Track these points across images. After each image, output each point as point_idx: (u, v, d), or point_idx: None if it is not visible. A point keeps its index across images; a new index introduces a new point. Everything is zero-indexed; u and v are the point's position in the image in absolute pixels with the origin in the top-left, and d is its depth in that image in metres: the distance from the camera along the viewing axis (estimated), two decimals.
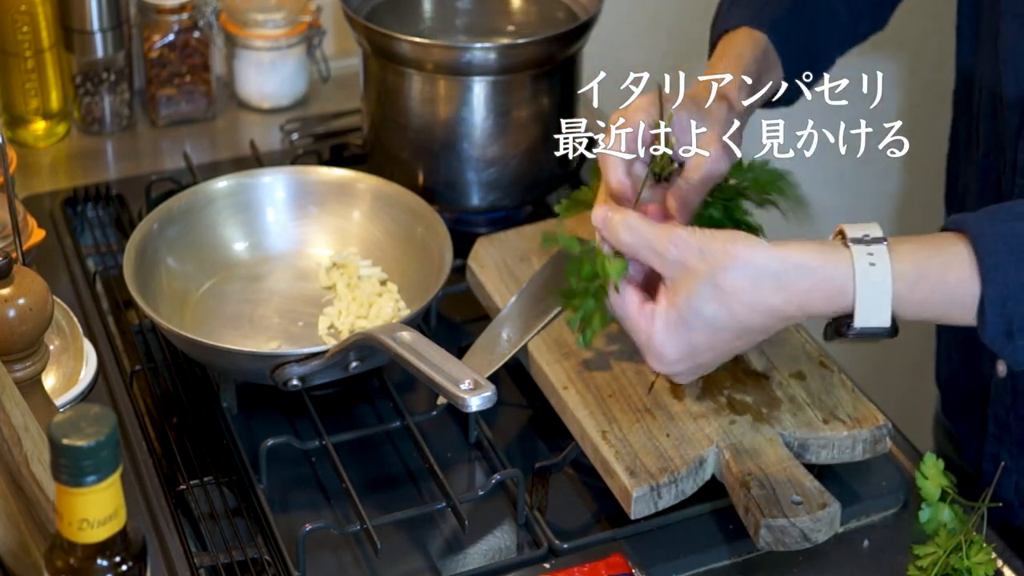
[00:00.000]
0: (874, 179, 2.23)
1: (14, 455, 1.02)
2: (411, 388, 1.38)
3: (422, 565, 1.21)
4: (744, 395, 1.27)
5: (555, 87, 1.54)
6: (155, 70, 1.75)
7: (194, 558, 1.19)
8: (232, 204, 1.47)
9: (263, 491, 1.25)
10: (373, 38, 1.51)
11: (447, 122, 1.52)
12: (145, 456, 1.29)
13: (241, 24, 1.76)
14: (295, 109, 1.81)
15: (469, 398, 1.13)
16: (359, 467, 1.29)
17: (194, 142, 1.75)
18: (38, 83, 1.70)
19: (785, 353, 1.32)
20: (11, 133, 1.72)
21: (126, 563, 0.89)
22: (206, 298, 1.43)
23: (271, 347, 1.37)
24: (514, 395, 1.38)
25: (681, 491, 1.20)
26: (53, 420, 0.85)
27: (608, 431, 1.23)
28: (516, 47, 1.50)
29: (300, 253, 1.49)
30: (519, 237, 1.47)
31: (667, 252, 1.11)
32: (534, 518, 1.24)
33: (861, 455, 1.25)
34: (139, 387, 1.37)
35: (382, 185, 1.48)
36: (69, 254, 1.54)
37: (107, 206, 1.61)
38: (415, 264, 1.43)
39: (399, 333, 1.21)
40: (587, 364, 1.30)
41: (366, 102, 1.59)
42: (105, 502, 0.86)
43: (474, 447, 1.33)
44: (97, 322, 1.44)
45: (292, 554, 1.18)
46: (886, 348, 2.29)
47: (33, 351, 1.15)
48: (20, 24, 1.66)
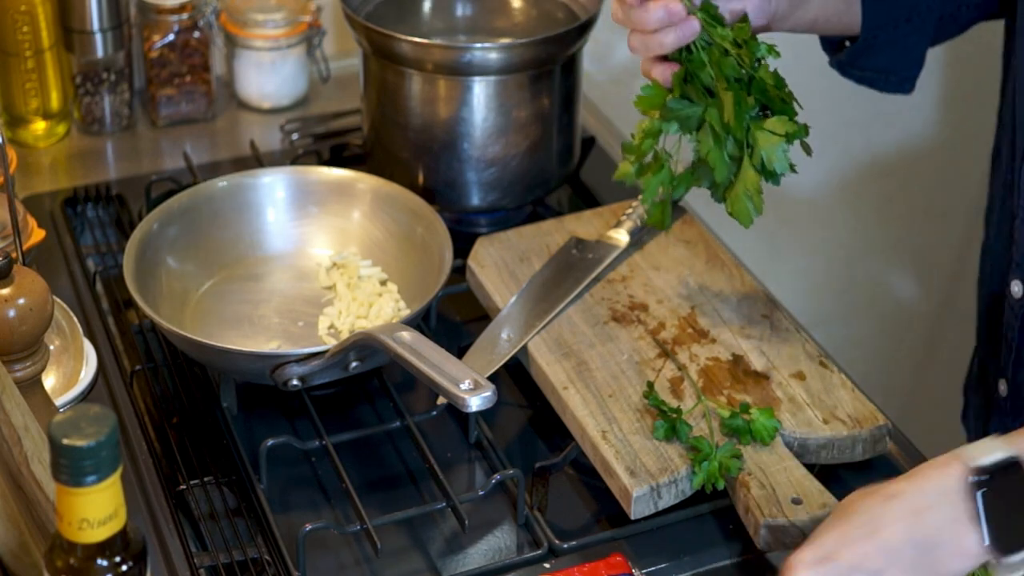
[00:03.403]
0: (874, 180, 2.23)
1: (14, 455, 1.02)
2: (411, 388, 1.38)
3: (422, 565, 1.21)
4: (744, 395, 1.27)
5: (555, 87, 1.54)
6: (155, 70, 1.75)
7: (194, 558, 1.19)
8: (232, 204, 1.47)
9: (263, 491, 1.25)
10: (373, 38, 1.51)
11: (447, 122, 1.52)
12: (145, 456, 1.29)
13: (241, 24, 1.76)
14: (295, 109, 1.81)
15: (469, 398, 1.13)
16: (359, 467, 1.29)
17: (194, 142, 1.75)
18: (38, 83, 1.70)
19: (785, 353, 1.32)
20: (11, 133, 1.72)
21: (126, 563, 0.89)
22: (206, 298, 1.43)
23: (271, 347, 1.37)
24: (514, 395, 1.38)
25: (681, 491, 1.20)
26: (53, 420, 0.85)
27: (608, 431, 1.23)
28: (516, 47, 1.50)
29: (300, 253, 1.49)
30: (519, 237, 1.47)
31: None
32: (534, 518, 1.24)
33: (861, 455, 1.25)
34: (139, 387, 1.37)
35: (382, 185, 1.48)
36: (69, 254, 1.54)
37: (107, 206, 1.61)
38: (415, 264, 1.43)
39: (399, 333, 1.21)
40: (587, 364, 1.31)
41: (366, 102, 1.59)
42: (105, 502, 0.86)
43: (474, 447, 1.33)
44: (97, 322, 1.44)
45: (292, 554, 1.19)
46: (886, 348, 2.30)
47: (33, 351, 1.15)
48: (20, 24, 1.66)
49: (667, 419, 1.22)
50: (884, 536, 1.03)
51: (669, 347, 1.32)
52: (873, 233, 2.27)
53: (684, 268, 1.42)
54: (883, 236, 2.28)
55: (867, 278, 2.30)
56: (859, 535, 1.04)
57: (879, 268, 2.30)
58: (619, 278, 1.41)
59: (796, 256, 2.24)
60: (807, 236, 2.25)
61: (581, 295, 1.39)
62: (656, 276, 1.41)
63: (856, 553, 1.03)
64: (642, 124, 1.26)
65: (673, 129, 1.25)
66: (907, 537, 1.03)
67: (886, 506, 1.04)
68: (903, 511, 1.04)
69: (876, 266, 2.30)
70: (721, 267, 1.43)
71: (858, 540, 1.03)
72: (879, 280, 2.31)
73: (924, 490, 1.04)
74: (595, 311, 1.37)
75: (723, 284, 1.40)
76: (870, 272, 2.30)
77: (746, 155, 1.23)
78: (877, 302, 2.31)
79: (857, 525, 1.04)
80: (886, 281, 2.31)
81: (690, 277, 1.41)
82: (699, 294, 1.39)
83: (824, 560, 1.03)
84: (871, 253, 2.30)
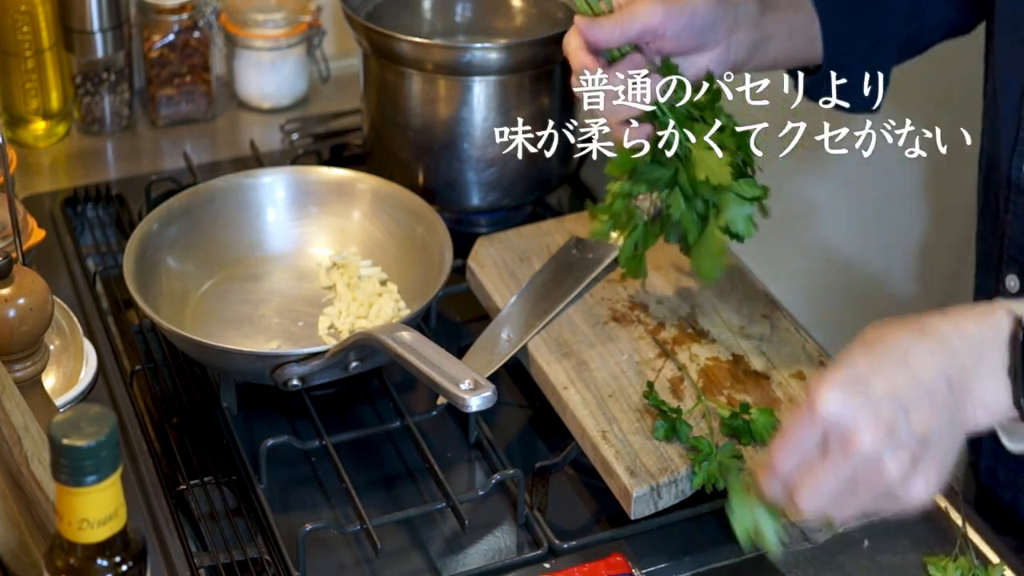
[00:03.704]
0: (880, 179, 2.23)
1: (14, 455, 1.02)
2: (411, 388, 1.38)
3: (422, 565, 1.21)
4: (744, 395, 1.27)
5: (555, 87, 1.54)
6: (155, 70, 1.75)
7: (194, 558, 1.19)
8: (232, 204, 1.47)
9: (263, 491, 1.25)
10: (373, 38, 1.51)
11: (447, 122, 1.52)
12: (145, 456, 1.29)
13: (241, 24, 1.76)
14: (295, 109, 1.81)
15: (469, 398, 1.13)
16: (359, 467, 1.29)
17: (194, 142, 1.75)
18: (38, 83, 1.70)
19: (785, 353, 1.32)
20: (11, 133, 1.72)
21: (126, 563, 0.89)
22: (206, 298, 1.43)
23: (271, 347, 1.37)
24: (514, 395, 1.38)
25: (681, 491, 1.20)
26: (53, 420, 0.85)
27: (608, 431, 1.23)
28: (516, 47, 1.50)
29: (300, 253, 1.49)
30: (519, 237, 1.47)
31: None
32: (534, 518, 1.24)
33: None
34: (139, 387, 1.37)
35: (382, 185, 1.48)
36: (69, 254, 1.54)
37: (107, 206, 1.61)
38: (415, 264, 1.43)
39: (399, 333, 1.21)
40: (587, 364, 1.31)
41: (366, 102, 1.59)
42: (105, 502, 0.86)
43: (474, 447, 1.33)
44: (97, 322, 1.44)
45: (292, 554, 1.18)
46: None
47: (33, 351, 1.15)
48: (20, 24, 1.66)
49: (667, 419, 1.22)
50: (916, 370, 0.98)
51: (669, 347, 1.33)
52: (873, 233, 2.27)
53: (684, 268, 1.42)
54: (883, 236, 2.28)
55: (867, 278, 2.30)
56: (890, 364, 0.99)
57: (879, 268, 2.30)
58: (619, 278, 1.41)
59: (796, 256, 2.24)
60: (807, 236, 2.25)
61: (581, 295, 1.39)
62: (656, 276, 1.41)
63: (888, 381, 0.98)
64: (613, 186, 1.29)
65: (643, 189, 1.27)
66: (939, 373, 0.98)
67: (920, 340, 0.99)
68: (938, 348, 0.99)
69: (876, 266, 2.30)
70: None
71: (889, 368, 0.98)
72: (879, 280, 2.31)
73: (963, 331, 1.00)
74: (595, 311, 1.37)
75: (723, 284, 1.40)
76: (870, 272, 2.30)
77: (712, 216, 1.25)
78: (877, 302, 2.31)
79: (888, 355, 0.99)
80: (886, 281, 2.31)
81: (690, 277, 1.41)
82: (699, 294, 1.39)
83: (855, 383, 0.98)
84: (871, 253, 2.30)
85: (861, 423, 0.97)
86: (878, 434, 0.97)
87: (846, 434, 0.97)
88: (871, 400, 0.97)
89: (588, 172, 1.66)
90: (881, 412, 0.97)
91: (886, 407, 0.97)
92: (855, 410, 0.97)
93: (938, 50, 1.49)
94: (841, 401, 0.97)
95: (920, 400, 0.98)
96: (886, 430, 0.97)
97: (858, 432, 0.97)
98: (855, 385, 0.98)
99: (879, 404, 0.97)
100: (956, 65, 1.98)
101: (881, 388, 0.98)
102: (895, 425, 0.97)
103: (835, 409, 0.97)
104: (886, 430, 0.97)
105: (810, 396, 0.98)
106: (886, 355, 0.99)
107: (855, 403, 0.97)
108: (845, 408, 0.97)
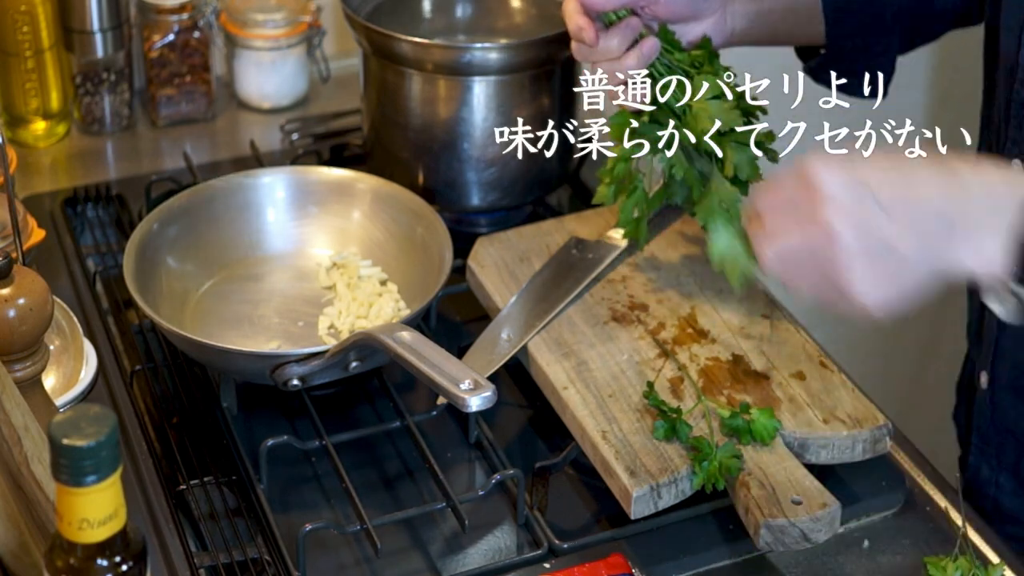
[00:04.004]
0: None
1: (14, 455, 1.02)
2: (411, 388, 1.38)
3: (422, 565, 1.21)
4: (744, 395, 1.27)
5: (555, 87, 1.54)
6: (155, 70, 1.75)
7: (194, 558, 1.19)
8: (232, 204, 1.47)
9: (263, 491, 1.25)
10: (373, 38, 1.51)
11: (447, 122, 1.52)
12: (145, 456, 1.29)
13: (241, 24, 1.76)
14: (295, 109, 1.81)
15: (469, 398, 1.13)
16: (359, 467, 1.29)
17: (194, 142, 1.75)
18: (38, 83, 1.70)
19: (785, 353, 1.32)
20: (11, 133, 1.72)
21: (126, 563, 0.89)
22: (206, 298, 1.43)
23: (271, 347, 1.37)
24: (514, 395, 1.38)
25: (681, 491, 1.20)
26: (53, 420, 0.85)
27: (608, 431, 1.23)
28: (516, 47, 1.50)
29: (300, 253, 1.49)
30: (519, 237, 1.47)
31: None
32: (534, 518, 1.24)
33: (861, 455, 1.25)
34: (139, 387, 1.37)
35: (382, 185, 1.48)
36: (69, 254, 1.54)
37: (107, 206, 1.61)
38: (415, 264, 1.43)
39: (399, 333, 1.21)
40: (587, 364, 1.31)
41: (366, 102, 1.59)
42: (105, 502, 0.86)
43: (474, 447, 1.33)
44: (97, 322, 1.44)
45: (292, 554, 1.19)
46: (886, 348, 2.30)
47: (33, 351, 1.15)
48: (20, 24, 1.66)
49: (667, 419, 1.22)
50: (916, 190, 0.98)
51: (669, 347, 1.33)
52: None
53: (684, 268, 1.42)
54: None
55: None
56: (892, 173, 0.99)
57: None
58: (619, 278, 1.41)
59: None
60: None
61: (581, 295, 1.39)
62: (656, 276, 1.41)
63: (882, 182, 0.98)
64: (615, 148, 1.30)
65: (644, 151, 1.28)
66: (939, 205, 0.98)
67: (932, 168, 0.99)
68: (948, 181, 0.99)
69: None
70: None
71: (888, 173, 0.99)
72: None
73: (983, 178, 0.99)
74: (595, 311, 1.37)
75: (723, 284, 1.40)
76: None
77: (716, 168, 1.26)
78: None
79: (894, 166, 1.00)
80: None
81: (690, 277, 1.41)
82: (699, 294, 1.39)
83: (846, 168, 0.99)
84: None
85: (834, 191, 0.99)
86: (842, 211, 0.99)
87: (816, 198, 0.99)
88: (853, 183, 0.99)
89: (588, 172, 1.66)
90: (859, 198, 0.99)
91: (867, 200, 0.99)
92: (835, 182, 0.99)
93: (938, 50, 1.49)
94: (828, 170, 1.00)
95: (902, 213, 0.99)
96: (856, 214, 0.99)
97: (827, 200, 0.99)
98: (851, 167, 1.00)
99: (860, 191, 0.99)
100: (956, 64, 1.98)
101: (871, 183, 0.99)
102: (867, 216, 0.99)
103: (818, 172, 1.00)
104: (856, 214, 0.99)
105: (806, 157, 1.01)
106: (895, 167, 1.01)
107: (839, 178, 1.00)
108: (828, 175, 1.00)
